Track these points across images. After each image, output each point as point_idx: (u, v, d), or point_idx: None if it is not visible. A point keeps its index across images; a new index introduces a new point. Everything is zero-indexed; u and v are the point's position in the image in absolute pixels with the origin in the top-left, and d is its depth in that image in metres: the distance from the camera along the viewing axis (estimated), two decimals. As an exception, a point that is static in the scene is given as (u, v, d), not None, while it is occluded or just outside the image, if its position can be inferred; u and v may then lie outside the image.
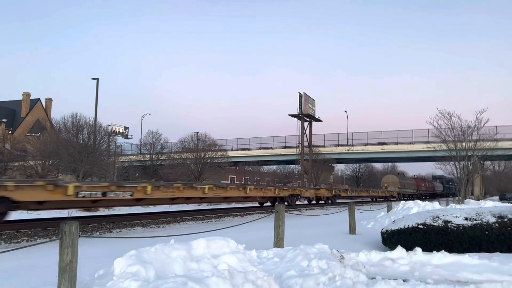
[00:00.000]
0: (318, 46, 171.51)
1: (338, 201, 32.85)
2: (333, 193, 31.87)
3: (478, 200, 28.49)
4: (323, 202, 30.92)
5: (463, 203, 22.39)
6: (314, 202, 30.91)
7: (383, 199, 42.85)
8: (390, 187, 49.98)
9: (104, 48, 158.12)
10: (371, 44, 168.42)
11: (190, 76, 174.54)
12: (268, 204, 23.81)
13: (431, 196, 63.27)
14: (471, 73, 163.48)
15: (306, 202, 31.68)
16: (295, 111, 45.97)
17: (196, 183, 18.86)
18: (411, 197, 51.64)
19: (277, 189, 22.70)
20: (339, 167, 76.35)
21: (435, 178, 78.75)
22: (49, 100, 67.96)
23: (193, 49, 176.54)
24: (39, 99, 65.77)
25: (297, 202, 27.21)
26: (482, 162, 35.01)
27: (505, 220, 7.34)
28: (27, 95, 64.04)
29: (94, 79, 35.20)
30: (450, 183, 77.91)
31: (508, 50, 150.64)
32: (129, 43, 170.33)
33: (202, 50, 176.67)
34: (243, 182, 53.31)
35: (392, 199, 44.30)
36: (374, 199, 46.49)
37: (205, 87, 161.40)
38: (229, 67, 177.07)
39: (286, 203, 21.68)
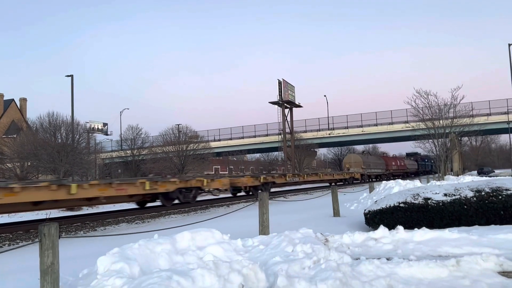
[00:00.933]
0: (295, 31, 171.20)
1: (273, 190, 25.32)
2: (261, 180, 23.00)
3: (457, 176, 29.17)
4: (243, 194, 23.20)
5: (443, 179, 22.90)
6: (223, 196, 23.55)
7: (342, 183, 36.86)
8: (353, 167, 44.49)
9: (77, 46, 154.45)
10: (347, 25, 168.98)
11: (170, 72, 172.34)
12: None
13: (404, 175, 56.36)
14: (445, 50, 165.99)
15: (213, 196, 23.93)
16: (276, 98, 46.01)
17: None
18: (379, 177, 48.63)
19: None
20: (322, 152, 76.73)
21: (409, 155, 73.35)
22: (23, 100, 66.20)
23: (171, 44, 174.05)
24: (13, 100, 64.01)
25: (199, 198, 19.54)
26: (459, 139, 35.77)
27: (483, 193, 7.54)
28: (0, 96, 62.27)
29: (68, 76, 34.40)
30: (426, 161, 75.05)
31: (479, 26, 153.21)
32: (104, 40, 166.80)
33: (179, 45, 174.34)
34: (227, 172, 53.30)
35: (355, 181, 40.96)
36: (334, 183, 35.21)
37: (185, 81, 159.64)
38: (208, 59, 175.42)
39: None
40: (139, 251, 4.58)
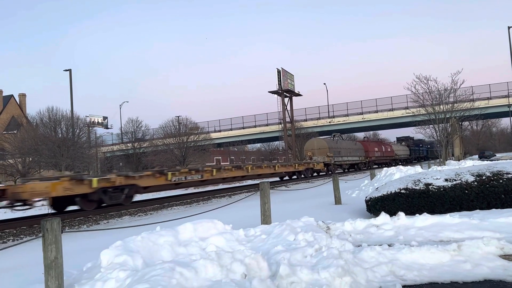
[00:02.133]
0: (293, 19, 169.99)
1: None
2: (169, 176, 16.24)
3: (459, 160, 29.20)
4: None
5: (444, 164, 22.93)
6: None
7: (294, 177, 28.68)
8: (316, 155, 35.25)
9: (75, 40, 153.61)
10: (346, 12, 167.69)
11: (167, 64, 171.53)
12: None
13: (390, 163, 46.58)
14: (442, 36, 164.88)
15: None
16: (275, 87, 45.85)
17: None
18: (355, 167, 41.44)
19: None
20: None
21: (400, 140, 66.47)
22: (23, 96, 66.06)
23: (166, 35, 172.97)
24: (12, 96, 63.90)
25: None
26: (460, 123, 35.71)
27: (484, 178, 7.55)
28: (-1, 92, 62.14)
29: (66, 70, 34.28)
30: (421, 146, 70.14)
31: (478, 9, 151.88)
32: (102, 33, 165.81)
33: (175, 36, 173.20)
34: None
35: (320, 173, 33.00)
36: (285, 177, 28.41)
37: (184, 73, 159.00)
38: (206, 50, 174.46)
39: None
40: (142, 243, 4.60)
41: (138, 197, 16.97)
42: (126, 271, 3.88)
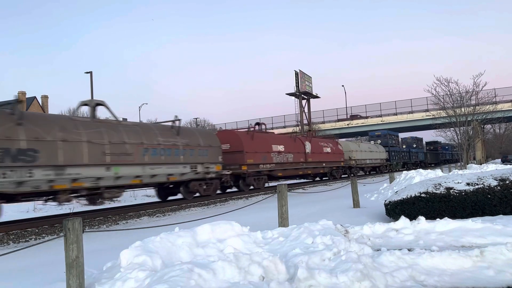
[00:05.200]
0: (311, 21, 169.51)
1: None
2: None
3: (480, 164, 28.59)
4: None
5: (466, 168, 22.47)
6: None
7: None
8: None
9: (94, 42, 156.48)
10: (366, 16, 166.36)
11: (186, 66, 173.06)
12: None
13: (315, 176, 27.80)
14: (468, 37, 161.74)
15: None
16: (293, 90, 45.79)
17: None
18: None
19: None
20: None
21: (373, 137, 41.70)
22: (45, 98, 67.56)
23: (183, 36, 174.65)
24: (35, 97, 65.43)
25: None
26: (482, 126, 34.97)
27: (507, 182, 7.37)
28: (22, 93, 63.50)
29: (87, 72, 34.93)
30: (415, 146, 50.99)
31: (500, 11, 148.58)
32: (120, 34, 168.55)
33: (192, 38, 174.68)
34: None
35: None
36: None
37: (202, 75, 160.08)
38: (224, 52, 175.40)
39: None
40: (160, 244, 4.65)
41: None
42: (145, 271, 3.92)
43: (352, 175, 28.64)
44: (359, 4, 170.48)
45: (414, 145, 51.51)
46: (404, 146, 48.89)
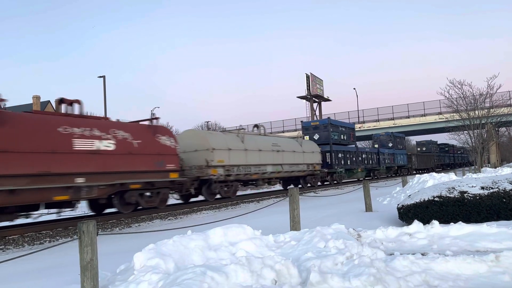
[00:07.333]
0: (323, 24, 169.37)
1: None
2: None
3: (495, 168, 28.17)
4: None
5: (480, 172, 22.17)
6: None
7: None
8: None
9: (106, 45, 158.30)
10: (377, 17, 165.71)
11: (196, 69, 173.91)
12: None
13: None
14: (480, 41, 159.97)
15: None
16: (304, 93, 45.74)
17: None
18: None
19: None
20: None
21: (308, 130, 29.05)
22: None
23: (190, 39, 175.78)
24: (49, 101, 66.39)
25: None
26: (497, 129, 34.46)
27: (523, 186, 7.26)
28: (37, 98, 64.55)
29: (100, 77, 35.35)
30: (391, 146, 37.64)
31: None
32: (128, 36, 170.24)
33: (200, 40, 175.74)
34: None
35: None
36: None
37: (213, 78, 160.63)
38: (235, 55, 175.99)
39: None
40: (173, 247, 4.68)
41: (170, 201, 17.22)
42: (158, 274, 3.95)
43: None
44: (371, 5, 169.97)
45: (390, 145, 37.38)
46: (375, 146, 37.27)
